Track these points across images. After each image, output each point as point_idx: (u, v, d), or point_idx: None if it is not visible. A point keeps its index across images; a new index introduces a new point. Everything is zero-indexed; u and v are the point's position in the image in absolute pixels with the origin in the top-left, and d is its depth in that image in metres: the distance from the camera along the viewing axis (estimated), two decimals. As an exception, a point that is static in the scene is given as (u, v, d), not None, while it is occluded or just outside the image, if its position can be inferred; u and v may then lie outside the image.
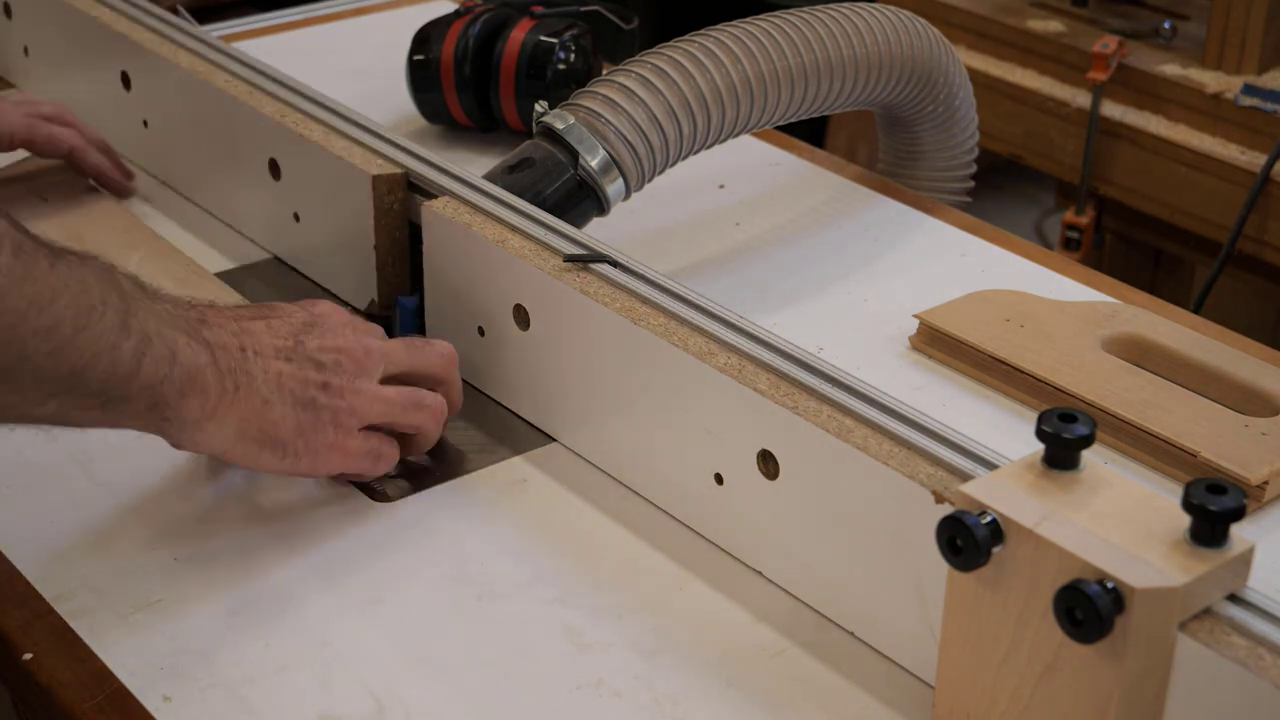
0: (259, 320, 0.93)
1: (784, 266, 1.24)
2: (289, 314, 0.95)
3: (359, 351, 0.94)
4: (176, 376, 0.85)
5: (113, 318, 0.82)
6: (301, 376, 0.91)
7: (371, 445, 0.95)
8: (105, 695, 0.83)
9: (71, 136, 1.28)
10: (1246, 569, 0.75)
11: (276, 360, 0.91)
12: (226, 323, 0.91)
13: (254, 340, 0.91)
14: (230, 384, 0.88)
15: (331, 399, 0.92)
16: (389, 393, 0.96)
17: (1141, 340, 1.10)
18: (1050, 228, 2.72)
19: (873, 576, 0.87)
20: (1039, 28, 1.82)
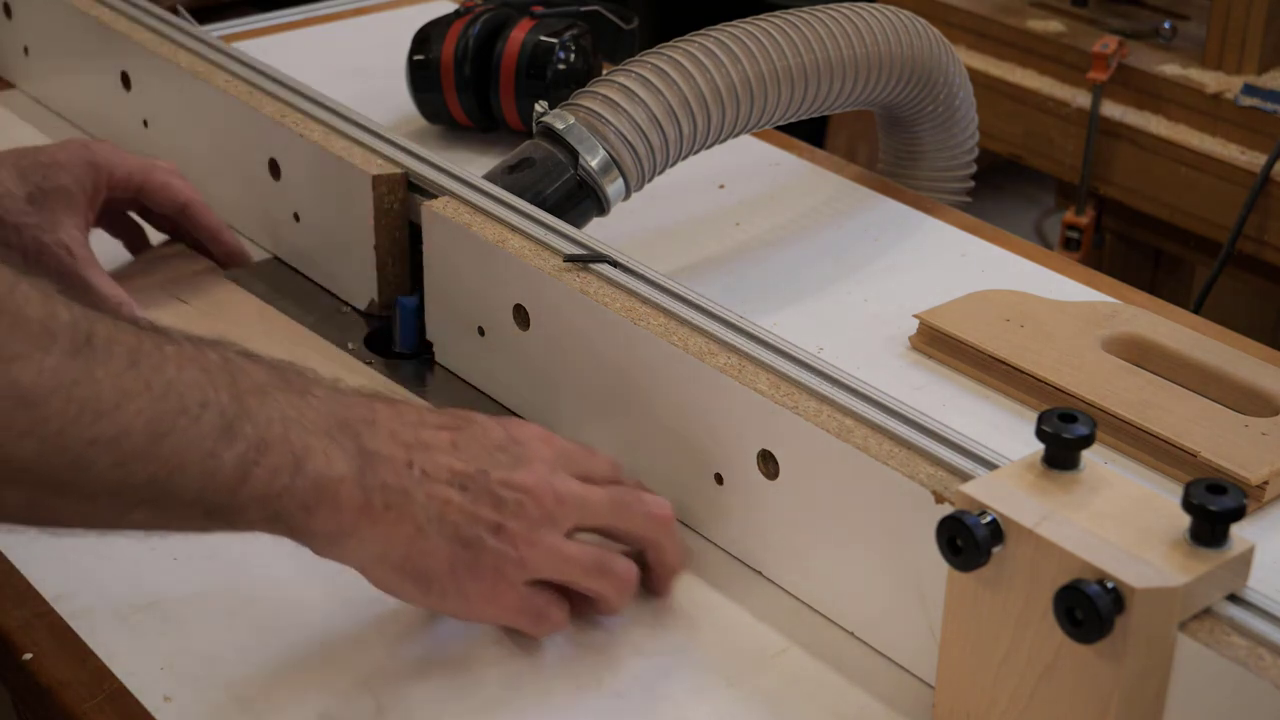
0: (445, 433, 0.82)
1: (784, 266, 1.24)
2: (484, 433, 0.83)
3: (550, 497, 0.82)
4: (300, 488, 0.76)
5: (212, 421, 0.73)
6: (472, 511, 0.80)
7: (535, 604, 0.83)
8: (105, 695, 0.83)
9: (190, 189, 1.17)
10: (1246, 569, 0.75)
11: (449, 487, 0.80)
12: (404, 430, 0.80)
13: (429, 457, 0.80)
14: (379, 500, 0.78)
15: (500, 544, 0.81)
16: (572, 550, 0.83)
17: (1141, 340, 1.10)
18: (1050, 228, 2.72)
19: (873, 576, 0.87)
20: (1039, 28, 1.82)
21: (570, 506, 0.83)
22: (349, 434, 0.78)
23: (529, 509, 0.81)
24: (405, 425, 0.80)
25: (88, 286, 1.07)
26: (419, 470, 0.79)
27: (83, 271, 1.07)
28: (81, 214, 1.09)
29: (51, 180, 1.08)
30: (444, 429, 0.82)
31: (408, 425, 0.80)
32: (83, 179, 1.09)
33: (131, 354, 0.72)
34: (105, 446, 0.70)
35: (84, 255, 1.08)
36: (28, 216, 1.07)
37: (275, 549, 0.94)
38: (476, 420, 0.84)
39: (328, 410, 0.78)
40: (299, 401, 0.77)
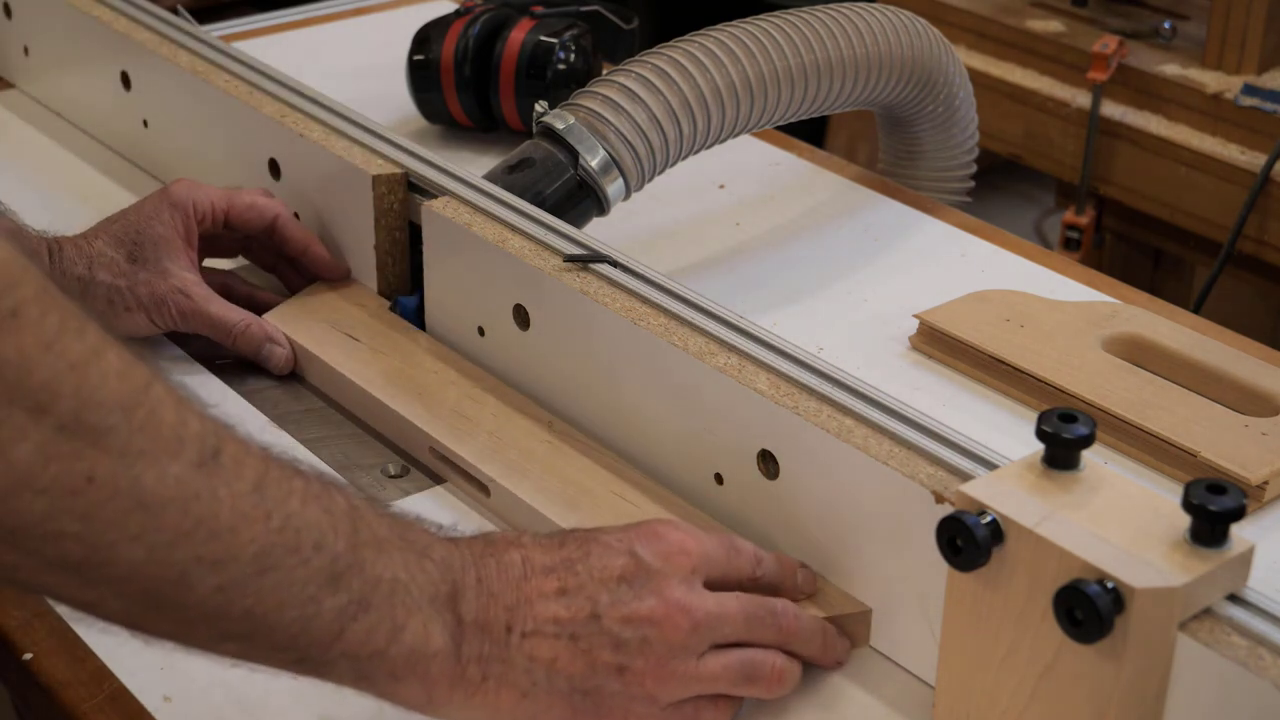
0: (553, 579, 0.77)
1: (784, 266, 1.24)
2: (602, 564, 0.78)
3: (684, 623, 0.77)
4: (394, 655, 0.72)
5: (321, 565, 0.70)
6: (588, 660, 0.76)
7: (682, 717, 0.79)
8: (105, 695, 0.83)
9: (277, 205, 1.15)
10: (1246, 569, 0.75)
11: (555, 640, 0.76)
12: (506, 590, 0.76)
13: (529, 614, 0.76)
14: (475, 673, 0.75)
15: (626, 686, 0.77)
16: (711, 670, 0.79)
17: (1141, 340, 1.10)
18: (1050, 228, 2.72)
19: (873, 577, 0.87)
20: (1039, 28, 1.82)
21: (705, 627, 0.79)
22: (452, 603, 0.75)
23: (655, 644, 0.77)
24: (509, 584, 0.77)
25: (211, 320, 1.09)
26: (519, 633, 0.76)
27: (203, 308, 1.09)
28: (184, 255, 1.10)
29: (145, 234, 1.09)
30: (552, 573, 0.78)
31: (510, 583, 0.77)
32: (171, 222, 1.10)
33: (258, 479, 0.69)
34: (211, 568, 0.67)
35: (200, 293, 1.09)
36: (137, 275, 1.08)
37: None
38: (595, 548, 0.79)
39: (439, 575, 0.75)
40: (414, 563, 0.74)
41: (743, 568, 0.83)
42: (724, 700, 0.80)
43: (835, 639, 0.85)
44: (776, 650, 0.82)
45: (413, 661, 0.73)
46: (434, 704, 0.75)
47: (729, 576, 0.82)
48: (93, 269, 1.07)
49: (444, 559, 0.75)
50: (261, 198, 1.15)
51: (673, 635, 0.77)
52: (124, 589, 0.67)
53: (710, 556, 0.81)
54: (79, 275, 1.07)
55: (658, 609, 0.77)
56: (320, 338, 1.10)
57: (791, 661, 0.82)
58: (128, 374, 0.65)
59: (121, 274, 1.08)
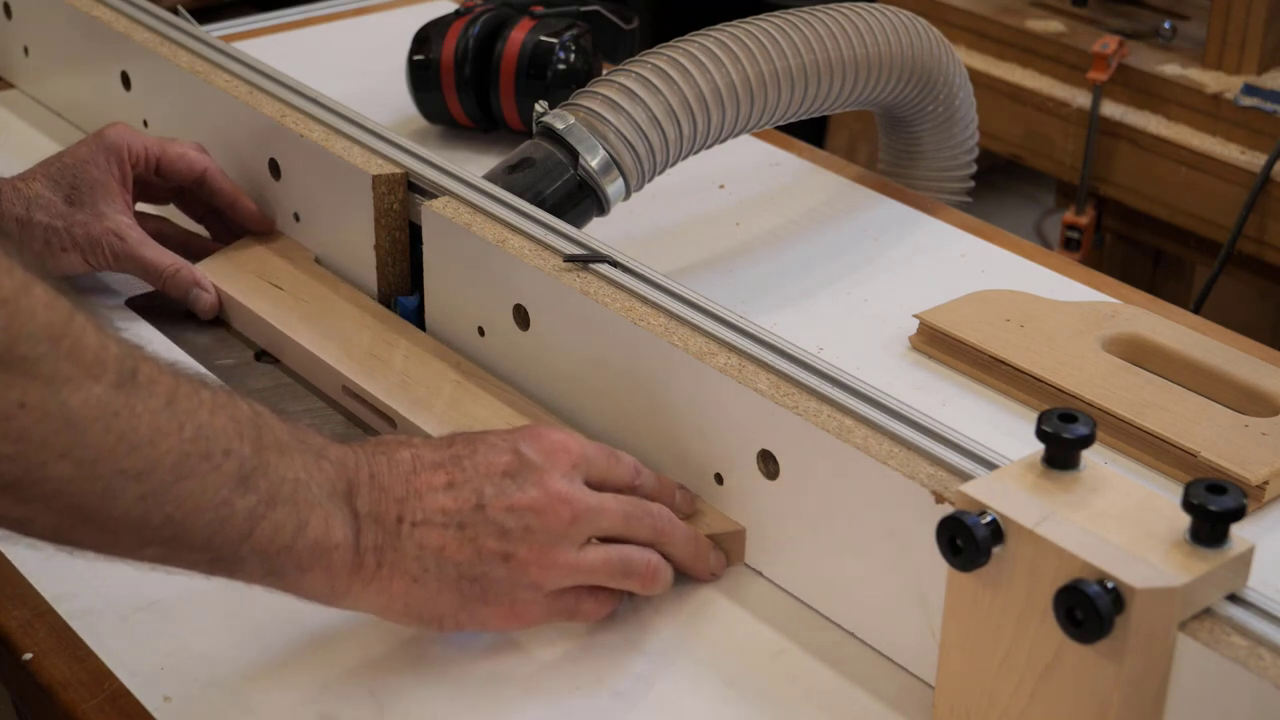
0: (441, 473, 0.83)
1: (784, 266, 1.24)
2: (487, 460, 0.84)
3: (564, 511, 0.83)
4: (300, 549, 0.78)
5: (231, 470, 0.75)
6: (475, 548, 0.82)
7: (563, 606, 0.85)
8: (105, 695, 0.83)
9: (207, 159, 1.20)
10: (1246, 569, 0.75)
11: (444, 530, 0.81)
12: (396, 483, 0.82)
13: (420, 506, 0.82)
14: (371, 561, 0.80)
15: (511, 571, 0.82)
16: (590, 560, 0.84)
17: (1141, 340, 1.10)
18: (1050, 228, 2.72)
19: (872, 576, 0.87)
20: (1039, 28, 1.82)
21: (584, 519, 0.84)
22: (349, 498, 0.80)
23: (537, 532, 0.83)
24: (399, 478, 0.82)
25: (143, 262, 1.14)
26: (410, 523, 0.81)
27: (136, 251, 1.14)
28: (119, 198, 1.15)
29: (82, 177, 1.14)
30: (440, 468, 0.83)
31: (401, 477, 0.82)
32: (107, 166, 1.15)
33: (170, 394, 0.74)
34: (133, 479, 0.72)
35: (134, 236, 1.14)
36: (73, 216, 1.13)
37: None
38: (481, 446, 0.85)
39: (335, 474, 0.80)
40: (312, 463, 0.79)
41: (622, 475, 0.88)
42: (604, 593, 0.86)
43: (708, 550, 0.91)
44: (652, 550, 0.87)
45: (317, 554, 0.78)
46: (336, 593, 0.80)
47: (608, 480, 0.88)
48: (30, 210, 1.12)
49: (339, 458, 0.81)
50: (193, 150, 1.20)
51: (554, 524, 0.83)
52: (54, 504, 0.72)
53: (590, 457, 0.87)
54: (17, 216, 1.12)
55: (540, 499, 0.83)
56: (247, 287, 1.16)
57: (665, 562, 0.88)
58: (54, 305, 0.70)
59: (58, 215, 1.13)
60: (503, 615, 0.83)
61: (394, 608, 0.82)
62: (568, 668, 0.86)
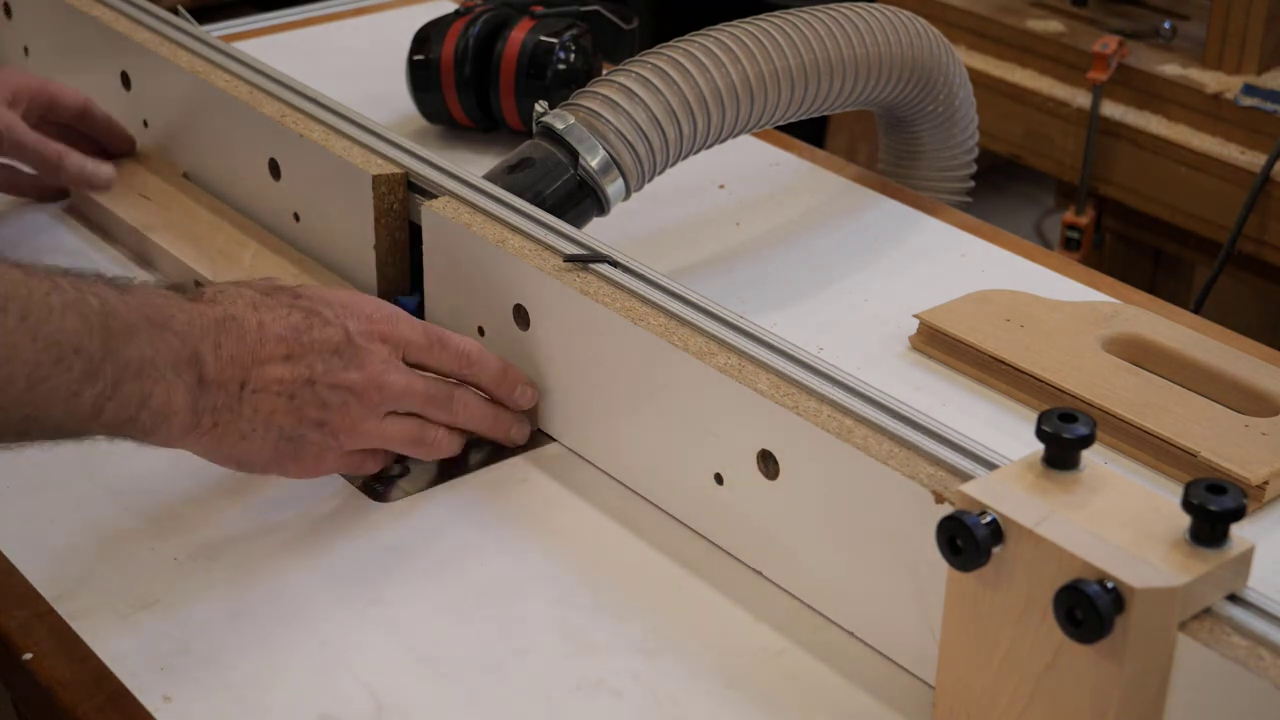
0: (283, 344, 0.92)
1: (784, 266, 1.24)
2: (324, 336, 0.94)
3: (373, 391, 0.95)
4: (143, 419, 0.87)
5: (81, 367, 0.83)
6: (298, 415, 0.92)
7: (351, 463, 0.97)
8: (105, 695, 0.83)
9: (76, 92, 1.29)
10: (1246, 569, 0.75)
11: (277, 397, 0.92)
12: (243, 352, 0.91)
13: (261, 374, 0.91)
14: (208, 421, 0.89)
15: (323, 436, 0.94)
16: (389, 430, 0.96)
17: (1141, 340, 1.10)
18: (1050, 228, 2.72)
19: (873, 576, 0.87)
20: (1039, 28, 1.82)
21: (391, 399, 0.95)
22: (194, 366, 0.88)
23: (352, 406, 0.94)
24: (245, 347, 0.91)
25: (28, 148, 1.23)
26: (250, 389, 0.91)
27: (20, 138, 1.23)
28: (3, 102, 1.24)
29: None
30: (282, 341, 0.92)
31: (247, 346, 0.91)
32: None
33: (23, 310, 0.81)
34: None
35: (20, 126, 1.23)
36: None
37: (275, 549, 0.94)
38: (316, 321, 0.94)
39: (180, 344, 0.88)
40: (158, 338, 0.87)
41: (446, 362, 0.99)
42: (381, 453, 0.98)
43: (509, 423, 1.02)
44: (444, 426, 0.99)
45: (157, 421, 0.87)
46: (171, 444, 0.90)
47: (428, 363, 0.98)
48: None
49: (185, 328, 0.89)
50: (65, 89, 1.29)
51: (366, 402, 0.94)
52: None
53: (411, 342, 0.97)
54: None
55: (359, 381, 0.94)
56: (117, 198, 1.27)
57: (454, 435, 1.00)
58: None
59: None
60: (305, 469, 0.94)
61: (217, 456, 0.92)
62: (568, 668, 0.86)
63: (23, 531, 0.94)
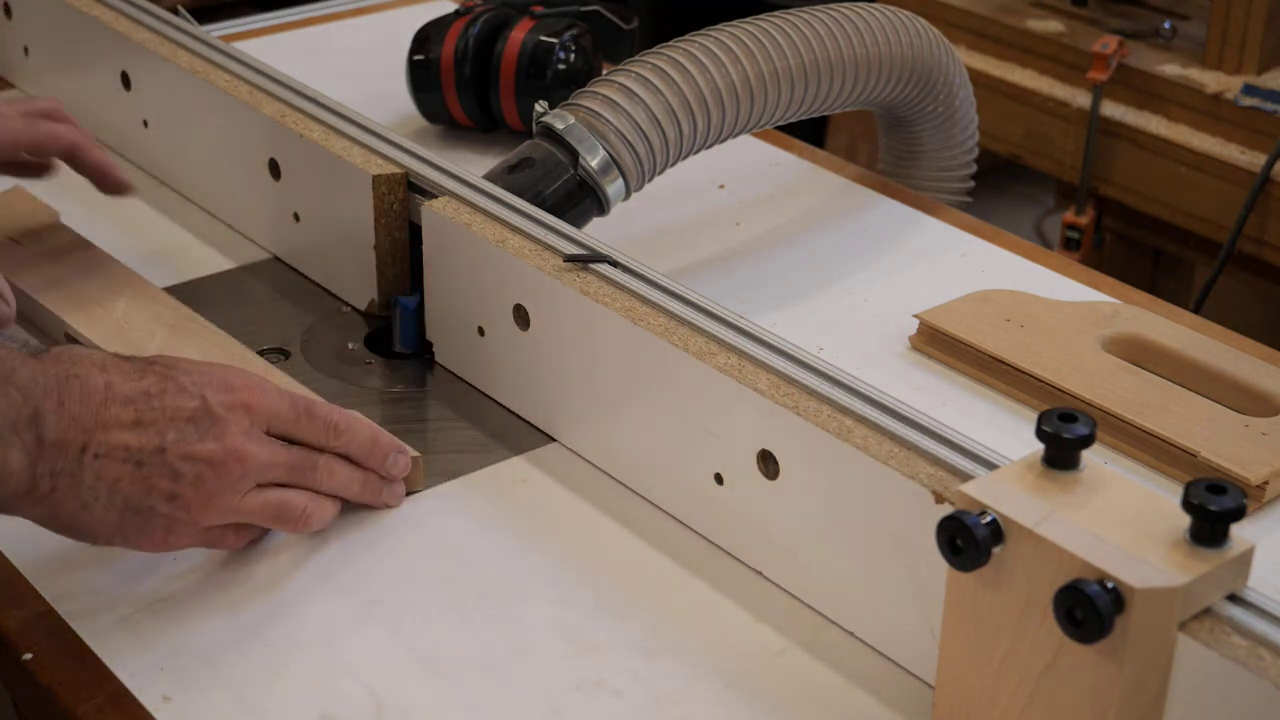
0: (130, 409, 0.85)
1: (784, 266, 1.24)
2: (176, 404, 0.87)
3: (232, 463, 0.87)
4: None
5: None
6: (146, 485, 0.85)
7: (211, 538, 0.90)
8: (105, 695, 0.83)
9: (72, 133, 1.18)
10: (1246, 569, 0.75)
11: (123, 464, 0.85)
12: (86, 413, 0.84)
13: (105, 438, 0.84)
14: (46, 486, 0.83)
15: (174, 510, 0.87)
16: (249, 505, 0.89)
17: (1141, 340, 1.10)
18: (1050, 228, 2.72)
19: (873, 576, 0.87)
20: (1039, 28, 1.82)
21: (253, 472, 0.88)
22: (33, 426, 0.83)
23: (208, 479, 0.87)
24: (89, 408, 0.85)
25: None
26: (92, 454, 0.84)
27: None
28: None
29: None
30: (131, 403, 0.86)
31: (91, 407, 0.85)
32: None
33: None
34: None
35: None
36: None
37: (275, 549, 0.94)
38: (171, 386, 0.87)
39: (21, 400, 0.83)
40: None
41: (314, 433, 0.92)
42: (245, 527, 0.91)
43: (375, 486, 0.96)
44: (310, 494, 0.92)
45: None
46: (6, 507, 0.84)
47: (294, 434, 0.91)
48: None
49: (27, 384, 0.83)
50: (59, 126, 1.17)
51: (224, 476, 0.87)
52: None
53: (276, 413, 0.90)
54: None
55: (216, 452, 0.87)
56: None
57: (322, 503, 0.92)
58: None
59: None
60: (154, 543, 0.88)
61: (54, 525, 0.86)
62: (568, 668, 0.86)
63: (23, 531, 0.94)
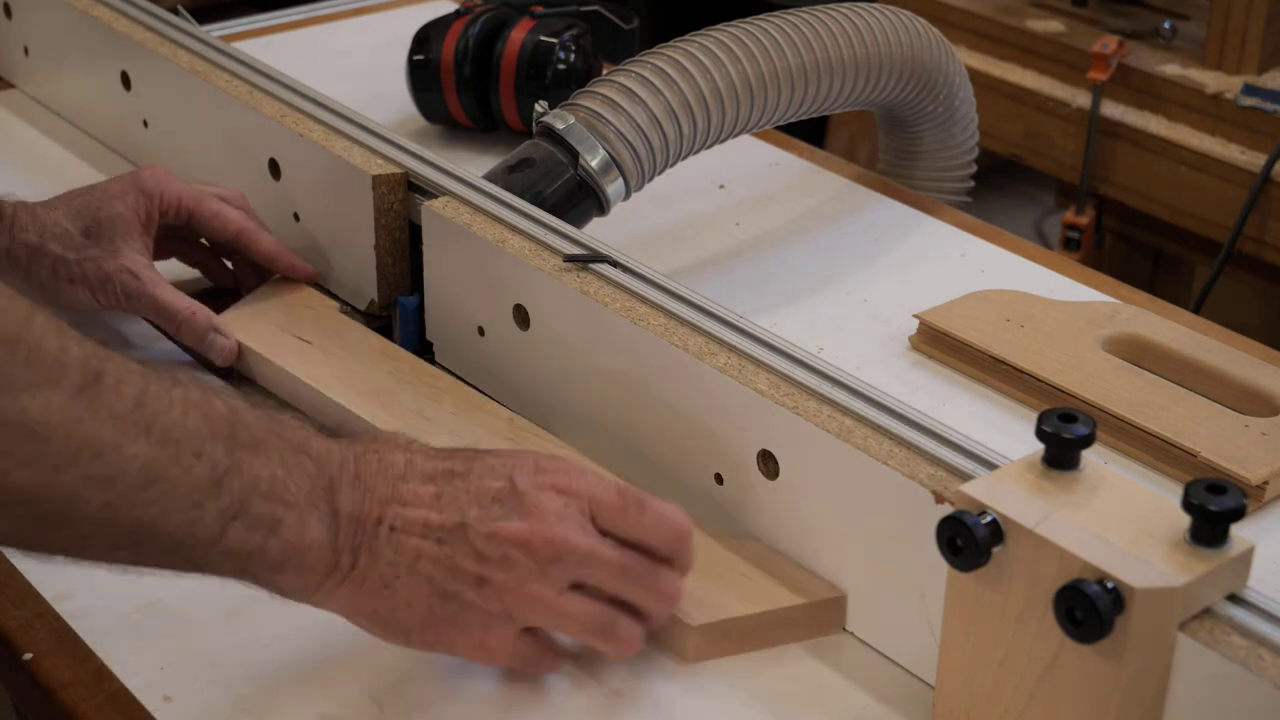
0: (430, 486, 0.80)
1: (784, 266, 1.24)
2: (481, 482, 0.80)
3: (542, 545, 0.78)
4: (272, 549, 0.76)
5: (202, 473, 0.73)
6: (449, 565, 0.78)
7: (526, 653, 0.81)
8: (105, 695, 0.83)
9: (241, 217, 1.14)
10: (1246, 569, 0.75)
11: (423, 540, 0.78)
12: (382, 485, 0.79)
13: (403, 512, 0.79)
14: (346, 562, 0.78)
15: (484, 599, 0.79)
16: (568, 606, 0.80)
17: (1141, 340, 1.10)
18: (1050, 228, 2.72)
19: (873, 576, 0.87)
20: (1039, 28, 1.82)
21: (571, 560, 0.79)
22: (329, 496, 0.78)
23: (519, 562, 0.79)
24: (386, 480, 0.79)
25: (157, 303, 1.08)
26: (389, 527, 0.78)
27: (150, 290, 1.07)
28: (139, 237, 1.09)
29: (105, 211, 1.09)
30: (432, 480, 0.80)
31: (388, 480, 0.79)
32: (134, 205, 1.09)
33: (139, 395, 0.72)
34: (98, 485, 0.71)
35: (149, 275, 1.08)
36: (87, 250, 1.07)
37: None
38: (478, 466, 0.81)
39: (316, 470, 0.78)
40: (290, 458, 0.77)
41: (648, 530, 0.82)
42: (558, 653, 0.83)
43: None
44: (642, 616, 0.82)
45: (289, 553, 0.76)
46: (308, 591, 0.78)
47: (621, 529, 0.81)
48: (44, 238, 1.07)
49: (321, 454, 0.78)
50: (229, 207, 1.14)
51: (535, 560, 0.78)
52: (16, 512, 0.71)
53: (599, 499, 0.81)
54: (29, 242, 1.07)
55: (522, 530, 0.79)
56: (271, 341, 1.09)
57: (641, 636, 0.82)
58: (9, 310, 0.69)
59: (72, 247, 1.07)
60: (471, 643, 0.80)
61: (362, 611, 0.80)
62: (568, 668, 0.86)
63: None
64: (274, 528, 0.76)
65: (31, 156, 1.40)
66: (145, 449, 0.72)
